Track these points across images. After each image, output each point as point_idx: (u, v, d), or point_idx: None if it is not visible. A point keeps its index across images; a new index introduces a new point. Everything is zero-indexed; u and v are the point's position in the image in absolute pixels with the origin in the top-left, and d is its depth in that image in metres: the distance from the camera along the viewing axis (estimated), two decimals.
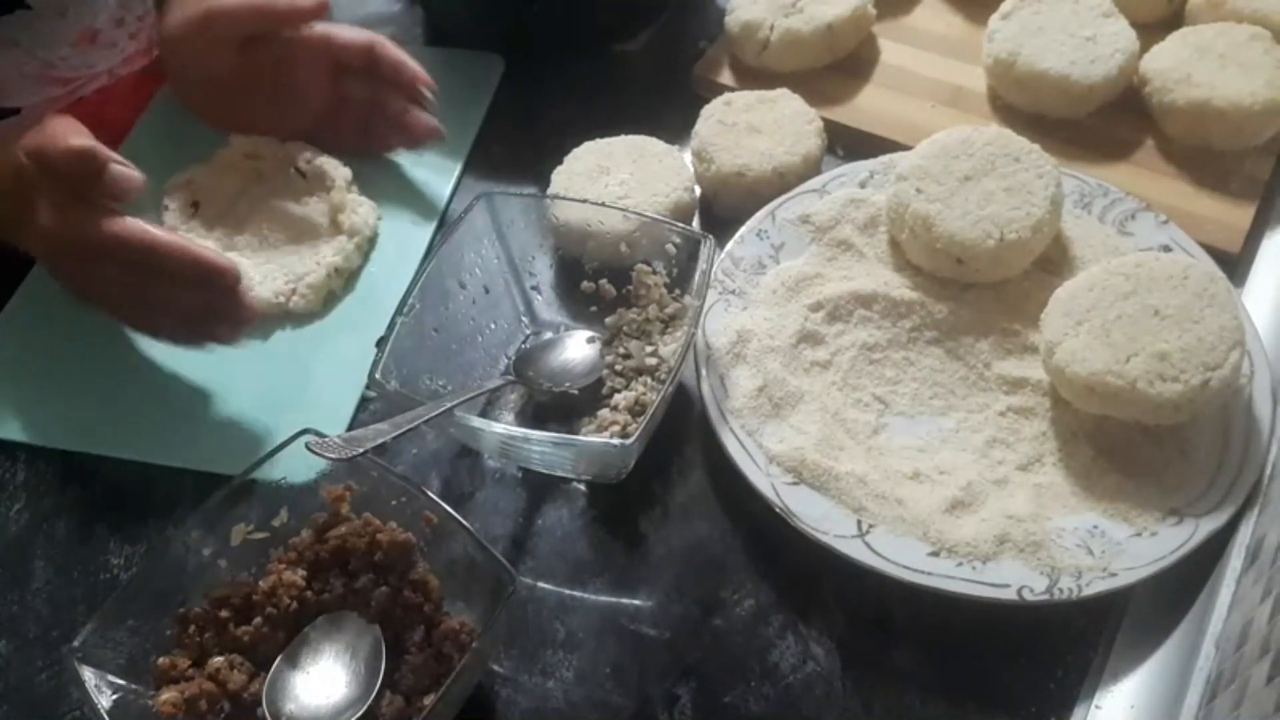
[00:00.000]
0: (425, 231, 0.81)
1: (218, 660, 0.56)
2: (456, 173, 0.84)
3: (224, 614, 0.57)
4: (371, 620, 0.58)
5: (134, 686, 0.54)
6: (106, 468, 0.70)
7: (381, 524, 0.59)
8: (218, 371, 0.73)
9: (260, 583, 0.58)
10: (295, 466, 0.60)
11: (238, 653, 0.57)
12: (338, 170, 0.81)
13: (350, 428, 0.71)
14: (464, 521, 0.56)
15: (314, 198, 0.81)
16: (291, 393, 0.72)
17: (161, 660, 0.55)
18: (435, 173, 0.84)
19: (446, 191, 0.83)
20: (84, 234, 0.65)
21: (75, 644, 0.52)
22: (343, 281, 0.78)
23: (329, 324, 0.76)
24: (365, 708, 0.54)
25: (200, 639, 0.57)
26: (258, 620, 0.57)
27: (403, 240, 0.81)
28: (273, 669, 0.56)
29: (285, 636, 0.58)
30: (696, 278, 0.67)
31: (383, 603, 0.57)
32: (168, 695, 0.54)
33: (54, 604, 0.65)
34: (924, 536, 0.60)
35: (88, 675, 0.52)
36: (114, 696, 0.53)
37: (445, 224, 0.81)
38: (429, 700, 0.54)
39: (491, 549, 0.55)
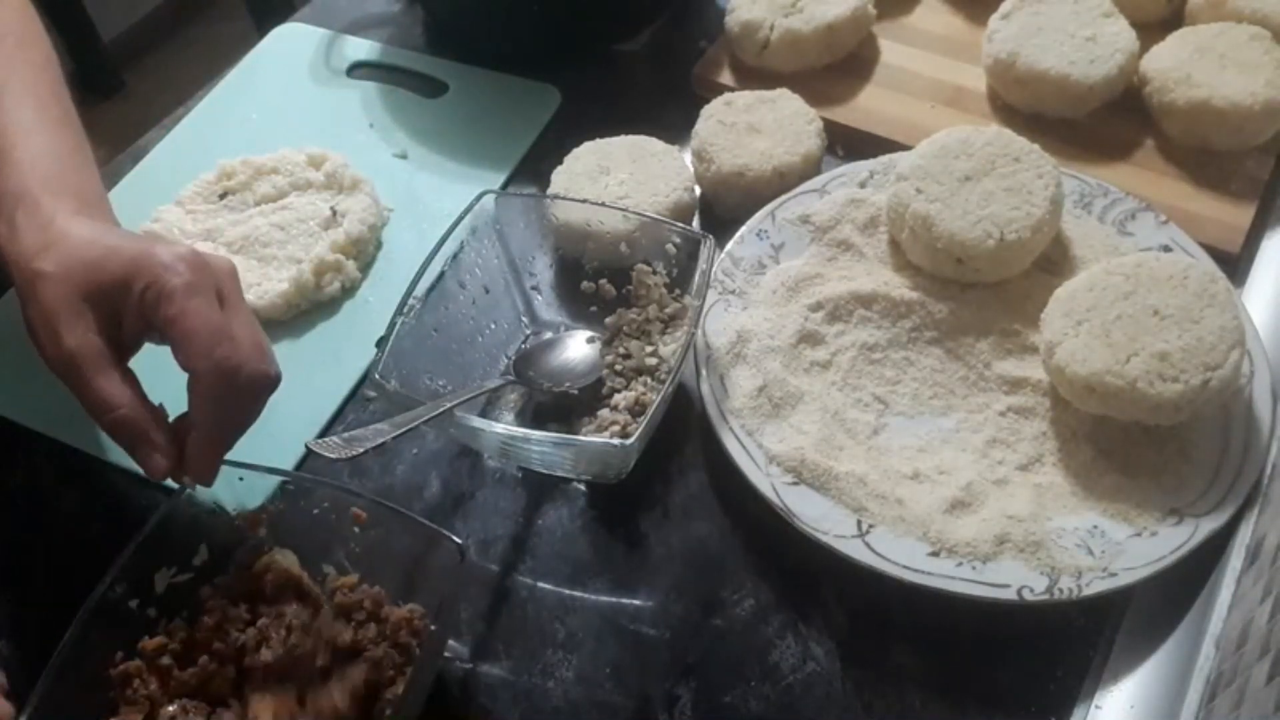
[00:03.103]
0: (428, 233, 0.80)
1: (170, 710, 0.55)
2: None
3: (165, 661, 0.55)
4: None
5: None
6: (106, 468, 0.70)
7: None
8: None
9: (205, 618, 0.56)
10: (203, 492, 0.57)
11: (188, 697, 0.55)
12: (345, 172, 0.82)
13: (326, 430, 0.71)
14: (393, 505, 0.56)
15: (318, 197, 0.81)
16: (290, 393, 0.72)
17: None
18: (465, 184, 0.81)
19: (454, 194, 0.83)
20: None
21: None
22: (343, 282, 0.78)
23: (330, 324, 0.76)
24: None
25: (146, 691, 0.55)
26: (204, 660, 0.56)
27: (405, 241, 0.81)
28: None
29: (236, 669, 0.56)
30: (696, 278, 0.67)
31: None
32: None
33: (54, 605, 0.65)
34: (924, 536, 0.60)
35: None
36: None
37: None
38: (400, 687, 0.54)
39: (421, 519, 0.54)
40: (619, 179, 0.76)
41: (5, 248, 0.56)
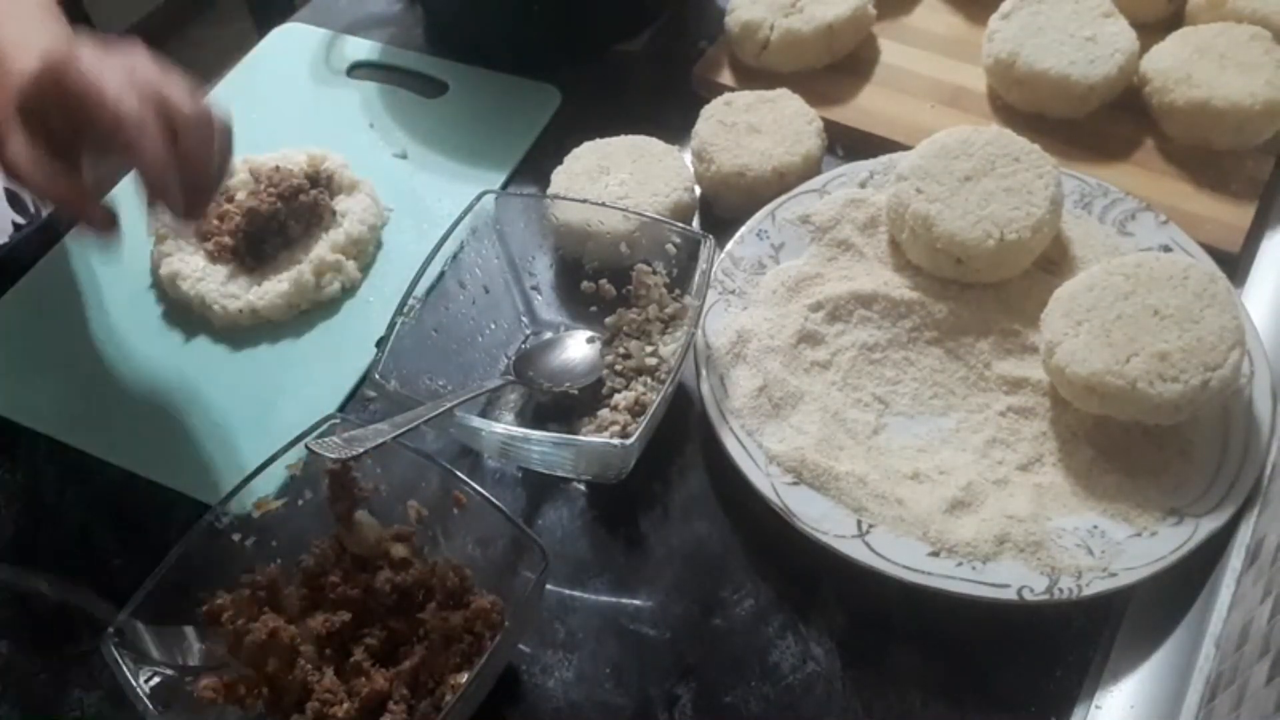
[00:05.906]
0: (428, 233, 0.80)
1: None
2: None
3: (259, 594, 0.57)
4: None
5: (169, 671, 0.54)
6: (106, 468, 0.70)
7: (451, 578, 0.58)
8: (215, 373, 0.74)
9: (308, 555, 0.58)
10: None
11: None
12: (345, 173, 0.82)
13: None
14: (494, 499, 0.57)
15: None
16: (290, 393, 0.72)
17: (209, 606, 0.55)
18: (465, 184, 0.82)
19: (454, 194, 0.83)
20: None
21: (111, 630, 0.52)
22: (343, 282, 0.78)
23: (330, 324, 0.76)
24: None
25: (234, 626, 0.56)
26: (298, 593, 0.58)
27: (405, 241, 0.81)
28: None
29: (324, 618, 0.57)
30: (696, 278, 0.67)
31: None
32: (207, 681, 0.54)
33: (54, 604, 0.65)
34: (924, 536, 0.60)
35: (126, 661, 0.52)
36: (153, 681, 0.53)
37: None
38: (463, 678, 0.54)
39: (516, 520, 0.56)
40: (619, 179, 0.76)
41: None
